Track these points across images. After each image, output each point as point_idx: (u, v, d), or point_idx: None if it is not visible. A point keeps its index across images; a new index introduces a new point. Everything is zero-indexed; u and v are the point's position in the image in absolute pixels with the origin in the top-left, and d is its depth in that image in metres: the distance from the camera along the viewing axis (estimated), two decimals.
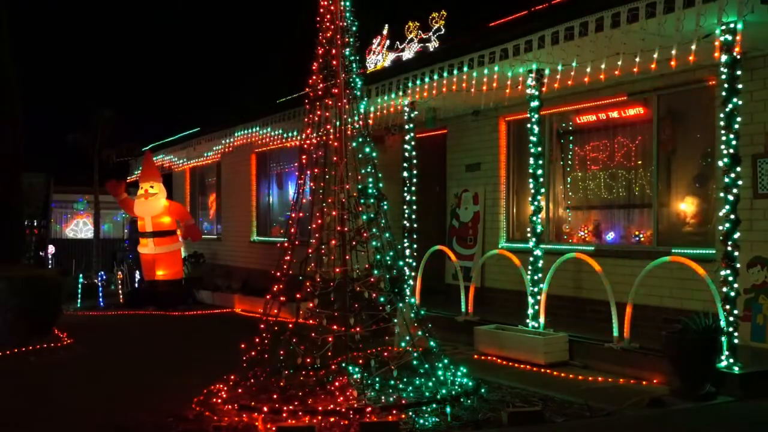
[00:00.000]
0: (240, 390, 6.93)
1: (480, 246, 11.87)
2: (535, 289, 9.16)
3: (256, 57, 34.89)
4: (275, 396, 6.66)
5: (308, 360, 7.00)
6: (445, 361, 7.36)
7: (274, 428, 5.96)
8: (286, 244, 7.51)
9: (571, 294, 10.09)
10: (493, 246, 11.49)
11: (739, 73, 7.20)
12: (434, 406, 6.50)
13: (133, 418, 6.41)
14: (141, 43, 42.17)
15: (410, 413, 6.32)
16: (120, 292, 15.86)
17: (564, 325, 9.03)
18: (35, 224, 19.54)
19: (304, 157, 7.68)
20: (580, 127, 10.80)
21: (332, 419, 6.16)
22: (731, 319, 7.13)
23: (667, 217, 9.54)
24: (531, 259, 9.25)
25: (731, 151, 7.15)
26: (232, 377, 7.15)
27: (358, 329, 7.06)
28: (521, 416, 6.14)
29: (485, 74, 9.19)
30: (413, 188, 11.43)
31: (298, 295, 7.17)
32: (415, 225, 11.38)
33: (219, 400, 6.78)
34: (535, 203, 9.25)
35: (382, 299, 7.15)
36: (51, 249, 21.64)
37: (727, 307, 7.13)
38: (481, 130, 12.02)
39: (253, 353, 7.20)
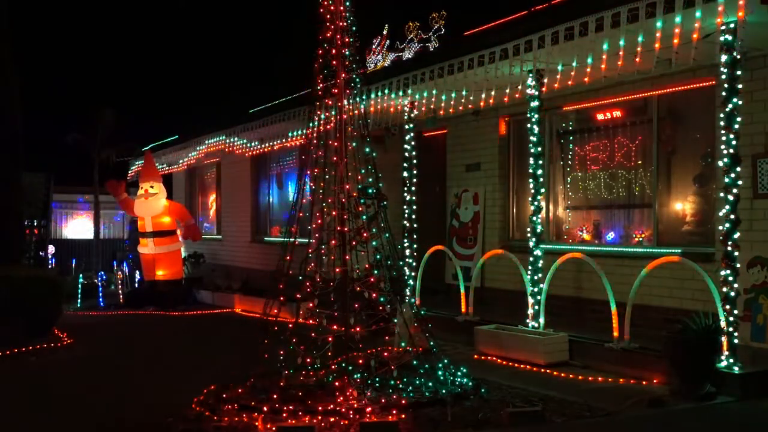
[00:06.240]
0: (240, 390, 6.93)
1: (480, 246, 11.86)
2: (535, 289, 9.16)
3: (256, 56, 34.92)
4: (275, 396, 6.66)
5: (308, 360, 7.01)
6: (445, 361, 7.36)
7: (274, 428, 5.96)
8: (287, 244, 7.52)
9: (571, 294, 10.09)
10: (493, 246, 11.48)
11: (739, 73, 7.21)
12: (434, 406, 6.50)
13: (134, 417, 6.41)
14: (141, 43, 42.20)
15: (410, 413, 6.32)
16: (120, 292, 15.86)
17: (564, 325, 9.03)
18: (35, 224, 19.52)
19: (303, 157, 7.69)
20: (580, 127, 10.80)
21: (332, 419, 6.17)
22: (731, 319, 7.13)
23: (667, 217, 9.54)
24: (531, 259, 9.24)
25: (731, 151, 7.16)
26: (232, 377, 7.15)
27: (358, 329, 7.06)
28: (521, 416, 6.14)
29: (485, 74, 9.19)
30: (413, 188, 11.43)
31: (298, 296, 7.17)
32: (415, 225, 11.38)
33: (219, 400, 6.78)
34: (535, 203, 9.25)
35: (382, 299, 7.16)
36: (51, 249, 21.61)
37: (727, 307, 7.13)
38: (481, 130, 12.02)
39: (253, 353, 7.20)
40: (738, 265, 7.20)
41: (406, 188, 11.42)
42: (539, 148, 9.29)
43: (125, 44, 43.92)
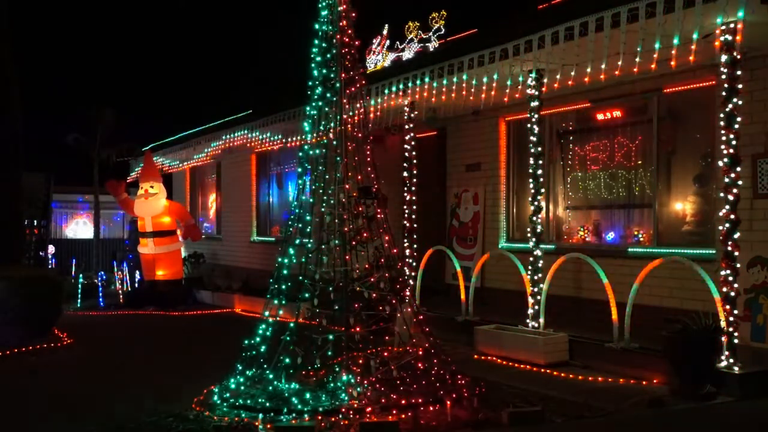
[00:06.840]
0: (240, 390, 6.93)
1: (480, 246, 11.86)
2: (535, 289, 9.16)
3: (256, 56, 34.91)
4: (275, 396, 6.66)
5: (308, 360, 7.00)
6: (445, 360, 7.35)
7: (273, 428, 5.96)
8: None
9: (571, 294, 10.09)
10: (493, 246, 11.49)
11: (739, 73, 7.21)
12: (434, 406, 6.50)
13: (134, 417, 6.41)
14: (141, 43, 42.19)
15: (410, 413, 6.32)
16: (120, 292, 15.85)
17: (564, 325, 9.03)
18: (35, 224, 19.54)
19: (302, 155, 7.69)
20: (580, 127, 10.80)
21: (332, 419, 6.16)
22: (731, 319, 7.13)
23: (667, 217, 9.54)
24: (531, 259, 9.24)
25: (731, 151, 7.16)
26: (232, 377, 7.15)
27: (358, 329, 7.05)
28: (521, 416, 6.14)
29: (485, 74, 9.19)
30: (413, 188, 11.43)
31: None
32: (415, 225, 11.38)
33: (219, 400, 6.78)
34: (535, 203, 9.25)
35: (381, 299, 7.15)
36: (51, 249, 21.61)
37: (727, 307, 7.14)
38: (481, 130, 12.02)
39: (253, 353, 7.20)
40: (738, 265, 7.20)
41: (406, 188, 11.42)
42: (539, 148, 9.28)
43: (125, 44, 43.94)
